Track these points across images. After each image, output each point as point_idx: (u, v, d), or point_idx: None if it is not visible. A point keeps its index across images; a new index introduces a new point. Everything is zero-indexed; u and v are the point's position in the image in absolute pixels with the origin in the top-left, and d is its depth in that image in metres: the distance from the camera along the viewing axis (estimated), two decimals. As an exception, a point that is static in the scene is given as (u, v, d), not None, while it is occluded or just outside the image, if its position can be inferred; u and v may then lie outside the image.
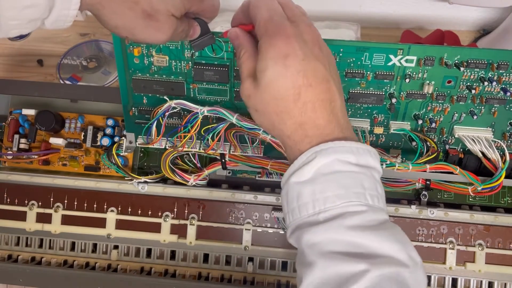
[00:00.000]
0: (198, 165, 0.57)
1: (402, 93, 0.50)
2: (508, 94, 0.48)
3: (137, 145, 0.56)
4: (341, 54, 0.47)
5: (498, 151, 0.51)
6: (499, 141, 0.52)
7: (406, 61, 0.47)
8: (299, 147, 0.36)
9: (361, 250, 0.33)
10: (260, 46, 0.36)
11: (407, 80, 0.48)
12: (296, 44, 0.35)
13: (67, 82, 0.78)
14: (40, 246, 0.59)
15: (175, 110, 0.52)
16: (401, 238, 0.35)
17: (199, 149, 0.54)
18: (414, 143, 0.53)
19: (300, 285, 0.34)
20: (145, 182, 0.56)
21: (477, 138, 0.51)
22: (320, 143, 0.35)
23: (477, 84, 0.48)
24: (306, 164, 0.35)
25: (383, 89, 0.50)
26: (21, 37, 0.84)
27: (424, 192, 0.56)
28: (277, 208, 0.55)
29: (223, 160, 0.54)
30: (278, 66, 0.35)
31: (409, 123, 0.52)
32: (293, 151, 0.36)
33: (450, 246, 0.54)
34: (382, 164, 0.50)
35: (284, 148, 0.38)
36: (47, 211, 0.58)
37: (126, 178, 0.57)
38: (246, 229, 0.56)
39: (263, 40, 0.36)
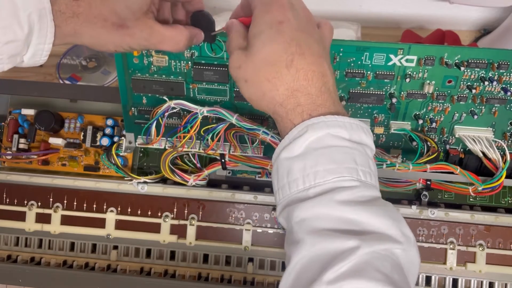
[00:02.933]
0: (198, 165, 0.57)
1: (402, 93, 0.50)
2: (509, 93, 0.48)
3: (137, 145, 0.56)
4: (341, 54, 0.47)
5: (498, 151, 0.51)
6: (499, 141, 0.52)
7: (407, 60, 0.47)
8: (290, 117, 0.35)
9: (352, 226, 0.32)
10: (254, 14, 0.36)
11: (408, 80, 0.48)
12: (291, 14, 0.36)
13: (67, 82, 0.78)
14: (40, 246, 0.59)
15: (174, 110, 0.52)
16: (393, 214, 0.34)
17: (199, 149, 0.54)
18: (414, 143, 0.53)
19: (288, 265, 0.33)
20: (145, 182, 0.56)
21: (477, 138, 0.51)
22: (312, 112, 0.35)
23: (478, 83, 0.48)
24: (297, 138, 0.35)
25: (384, 89, 0.49)
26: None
27: (424, 192, 0.55)
28: (277, 208, 0.55)
29: (223, 160, 0.54)
30: (273, 30, 0.35)
31: (409, 123, 0.52)
32: (284, 122, 0.36)
33: (451, 246, 0.54)
34: (382, 164, 0.50)
35: (275, 120, 0.37)
36: (47, 211, 0.58)
37: (125, 178, 0.57)
38: (246, 230, 0.56)
39: (258, 8, 0.36)
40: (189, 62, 0.50)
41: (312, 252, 0.32)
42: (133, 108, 0.54)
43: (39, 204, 0.58)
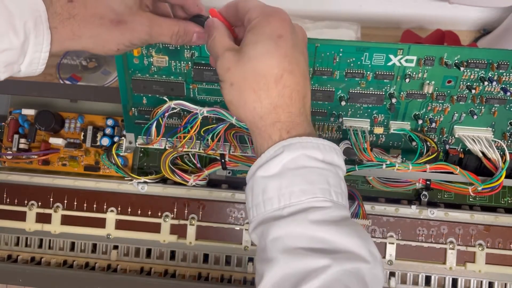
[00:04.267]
0: (198, 165, 0.57)
1: (402, 93, 0.50)
2: (508, 94, 0.48)
3: (137, 145, 0.56)
4: (341, 54, 0.47)
5: (498, 151, 0.51)
6: (499, 141, 0.52)
7: (406, 61, 0.47)
8: (269, 131, 0.36)
9: (324, 245, 0.33)
10: (254, 23, 0.36)
11: (407, 80, 0.48)
12: (290, 30, 0.36)
13: (67, 82, 0.78)
14: (40, 246, 0.59)
15: (174, 111, 0.52)
16: (362, 234, 0.35)
17: (199, 150, 0.54)
18: (414, 143, 0.53)
19: (260, 283, 0.34)
20: (145, 182, 0.56)
21: (477, 138, 0.51)
22: (290, 130, 0.36)
23: (477, 84, 0.48)
24: (273, 158, 0.35)
25: (383, 89, 0.50)
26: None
27: (424, 192, 0.56)
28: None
29: (223, 160, 0.54)
30: (271, 43, 0.35)
31: (409, 123, 0.52)
32: (262, 136, 0.37)
33: (450, 246, 0.54)
34: (382, 164, 0.50)
35: (251, 131, 0.38)
36: (47, 211, 0.58)
37: (126, 178, 0.57)
38: (246, 229, 0.56)
39: (259, 18, 0.36)
40: (189, 63, 0.50)
41: (285, 270, 0.33)
42: (133, 108, 0.54)
43: (40, 204, 0.58)
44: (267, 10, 0.37)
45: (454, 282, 0.55)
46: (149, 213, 0.57)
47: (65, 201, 0.58)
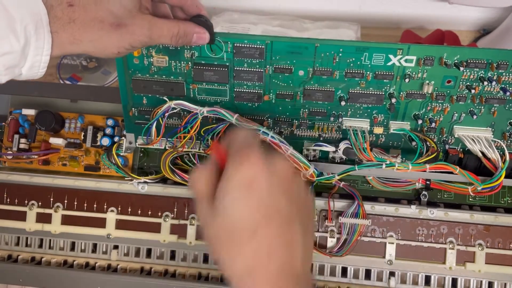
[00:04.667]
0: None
1: (401, 93, 0.50)
2: (508, 94, 0.48)
3: (137, 145, 0.56)
4: (340, 54, 0.47)
5: (498, 151, 0.51)
6: (499, 140, 0.52)
7: (406, 61, 0.47)
8: None
9: None
10: (226, 167, 0.34)
11: (407, 80, 0.48)
12: (263, 173, 0.33)
13: (67, 82, 0.78)
14: (40, 246, 0.59)
15: (174, 111, 0.52)
16: None
17: (199, 150, 0.54)
18: (414, 143, 0.53)
19: None
20: (145, 182, 0.56)
21: (477, 138, 0.51)
22: None
23: (477, 84, 0.48)
24: None
25: (383, 89, 0.50)
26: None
27: (424, 192, 0.56)
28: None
29: (223, 160, 0.54)
30: (241, 192, 0.32)
31: (408, 123, 0.52)
32: None
33: (450, 246, 0.54)
34: (381, 164, 0.50)
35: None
36: (47, 211, 0.58)
37: (126, 178, 0.57)
38: (246, 229, 0.56)
39: (231, 162, 0.34)
40: (189, 63, 0.50)
41: None
42: (133, 109, 0.54)
43: (40, 204, 0.58)
44: (239, 152, 0.34)
45: (454, 282, 0.55)
46: (149, 213, 0.57)
47: (65, 201, 0.58)
